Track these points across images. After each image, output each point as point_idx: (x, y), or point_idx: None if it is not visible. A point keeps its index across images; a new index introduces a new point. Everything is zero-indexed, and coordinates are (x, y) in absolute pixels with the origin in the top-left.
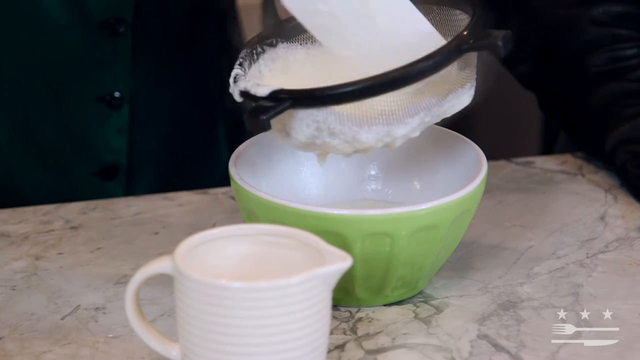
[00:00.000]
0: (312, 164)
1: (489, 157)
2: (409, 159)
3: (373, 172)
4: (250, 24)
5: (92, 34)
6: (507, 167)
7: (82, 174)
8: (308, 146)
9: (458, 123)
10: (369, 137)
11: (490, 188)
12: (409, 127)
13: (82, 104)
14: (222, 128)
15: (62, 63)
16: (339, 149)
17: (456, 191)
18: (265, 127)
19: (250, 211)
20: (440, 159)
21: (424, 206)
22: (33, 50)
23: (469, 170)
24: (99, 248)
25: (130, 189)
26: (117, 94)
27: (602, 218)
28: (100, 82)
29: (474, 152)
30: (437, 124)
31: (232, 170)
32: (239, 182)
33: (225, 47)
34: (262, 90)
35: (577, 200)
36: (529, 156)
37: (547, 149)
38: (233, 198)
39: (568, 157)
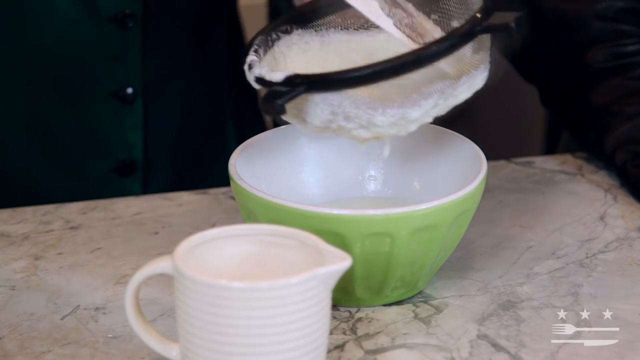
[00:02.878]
0: (312, 164)
1: (489, 157)
2: (409, 159)
3: (373, 172)
4: (252, 22)
5: (102, 29)
6: (507, 167)
7: (99, 171)
8: (324, 130)
9: (458, 123)
10: (383, 120)
11: (490, 188)
12: (423, 110)
13: (95, 101)
14: (231, 122)
15: (73, 59)
16: (354, 133)
17: (456, 191)
18: (281, 111)
19: (250, 211)
20: (440, 159)
21: (424, 206)
22: (44, 48)
23: (469, 170)
24: (98, 248)
25: (148, 184)
26: (129, 90)
27: (601, 218)
28: (112, 78)
29: (474, 152)
30: (436, 123)
31: (232, 170)
32: (238, 182)
33: (233, 40)
34: (277, 76)
35: (577, 200)
36: (529, 156)
37: (549, 150)
38: (233, 198)
39: (568, 157)
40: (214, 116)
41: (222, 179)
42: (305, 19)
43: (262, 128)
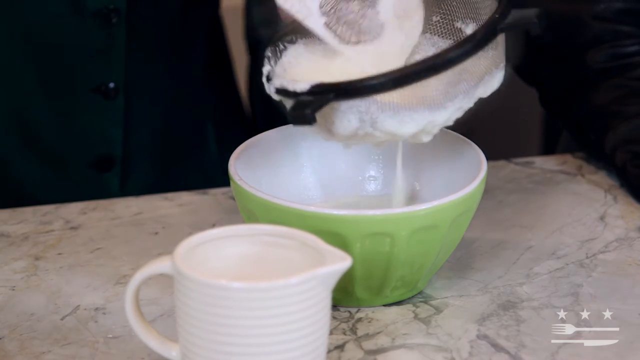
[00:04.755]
0: (312, 164)
1: (489, 157)
2: (409, 159)
3: (373, 172)
4: (234, 24)
5: (86, 24)
6: (506, 167)
7: (78, 165)
8: (351, 139)
9: (458, 123)
10: (411, 125)
11: (490, 188)
12: (449, 112)
13: (77, 95)
14: (211, 122)
15: (56, 53)
16: (383, 139)
17: (456, 191)
18: (311, 120)
19: (250, 211)
20: (440, 159)
21: (423, 206)
22: (27, 41)
23: (468, 170)
24: (98, 248)
25: (126, 180)
26: (111, 85)
27: (601, 218)
28: (94, 73)
29: (473, 152)
30: None
31: (232, 170)
32: (238, 182)
33: (214, 40)
34: (302, 86)
35: (577, 201)
36: (529, 156)
37: (548, 150)
38: (233, 198)
39: (568, 157)
40: (194, 115)
41: (203, 177)
42: (306, 29)
43: (242, 129)
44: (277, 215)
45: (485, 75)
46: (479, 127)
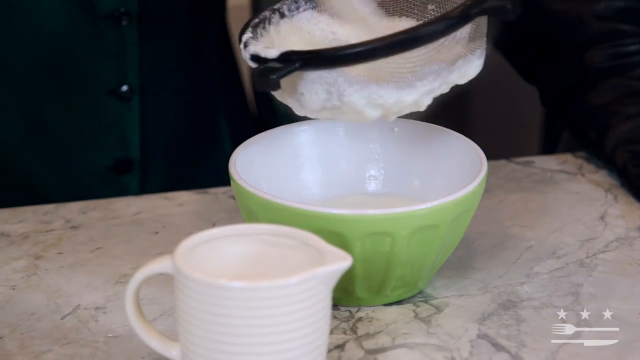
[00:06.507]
0: (313, 163)
1: (489, 157)
2: (409, 158)
3: (373, 172)
4: (237, 23)
5: (98, 27)
6: (507, 167)
7: (97, 169)
8: (320, 112)
9: (458, 123)
10: (378, 105)
11: (490, 188)
12: (418, 93)
13: (92, 99)
14: (224, 119)
15: (70, 58)
16: (351, 118)
17: (456, 191)
18: (275, 86)
19: (251, 211)
20: (440, 158)
21: (423, 206)
22: (40, 46)
23: (469, 170)
24: (98, 248)
25: (145, 182)
26: (125, 87)
27: (602, 218)
28: (108, 75)
29: (473, 152)
30: (436, 123)
31: (232, 170)
32: (239, 182)
33: (224, 37)
34: (272, 52)
35: (577, 200)
36: (529, 156)
37: (549, 149)
38: (233, 198)
39: (568, 157)
40: (208, 113)
41: (218, 175)
42: (298, 3)
43: (253, 125)
44: (278, 214)
45: (459, 60)
46: (479, 127)
